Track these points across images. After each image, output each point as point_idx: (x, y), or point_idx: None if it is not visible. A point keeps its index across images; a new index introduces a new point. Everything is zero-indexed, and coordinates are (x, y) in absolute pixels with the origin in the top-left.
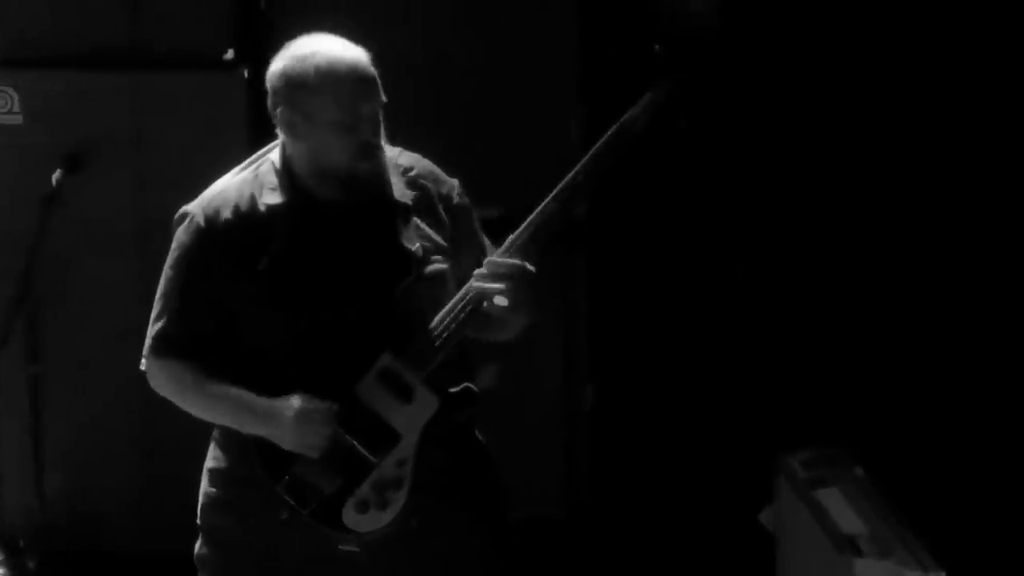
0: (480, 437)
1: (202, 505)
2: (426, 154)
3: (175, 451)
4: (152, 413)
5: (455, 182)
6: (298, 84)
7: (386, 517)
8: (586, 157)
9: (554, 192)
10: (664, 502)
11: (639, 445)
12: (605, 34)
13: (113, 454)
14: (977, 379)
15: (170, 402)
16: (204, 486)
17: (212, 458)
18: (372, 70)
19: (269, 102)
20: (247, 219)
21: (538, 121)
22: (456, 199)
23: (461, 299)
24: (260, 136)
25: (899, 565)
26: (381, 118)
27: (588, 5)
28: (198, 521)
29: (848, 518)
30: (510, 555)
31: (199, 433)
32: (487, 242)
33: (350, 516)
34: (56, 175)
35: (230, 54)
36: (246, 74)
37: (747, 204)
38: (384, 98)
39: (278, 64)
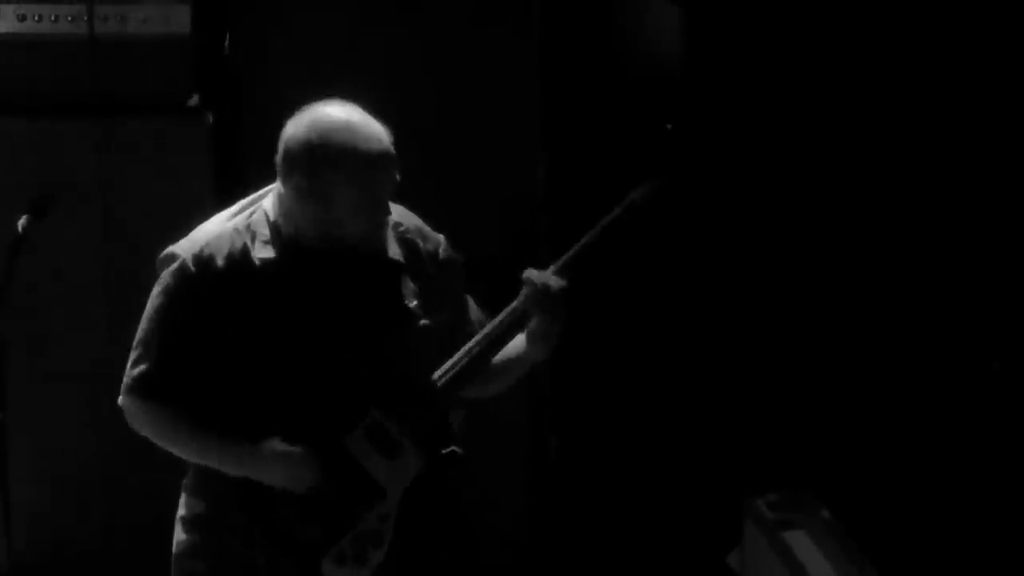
0: (453, 485)
1: (176, 554)
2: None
3: (142, 497)
4: (119, 459)
5: (441, 238)
6: (323, 160)
7: (363, 572)
8: (600, 224)
9: (568, 253)
10: (632, 546)
11: (605, 489)
12: (568, 80)
13: (79, 501)
14: (943, 421)
15: (137, 448)
16: (178, 534)
17: (185, 506)
18: (393, 151)
19: (281, 165)
20: (239, 270)
21: (501, 168)
22: (443, 255)
23: (457, 361)
24: (226, 181)
25: None
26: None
27: (550, 51)
28: (173, 572)
29: (815, 560)
30: None
31: (167, 479)
32: (471, 301)
33: (328, 568)
34: (22, 221)
35: (195, 100)
36: (211, 119)
37: (706, 250)
38: (399, 176)
39: (301, 131)
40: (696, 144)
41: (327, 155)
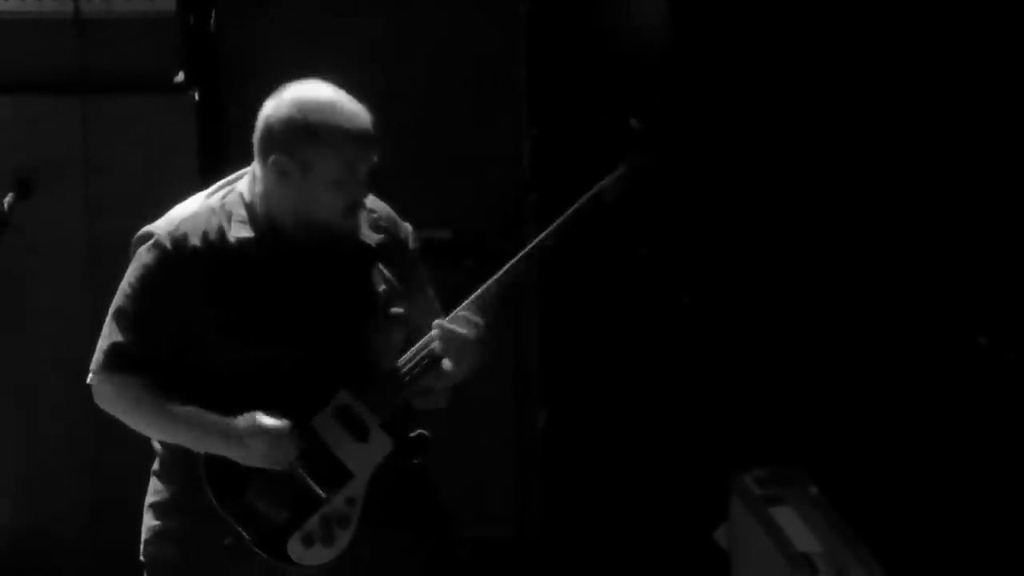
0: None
1: (145, 540)
2: (379, 177)
3: (124, 477)
4: (101, 438)
5: (409, 227)
6: (304, 135)
7: (330, 553)
8: (556, 222)
9: (521, 253)
10: (618, 521)
11: (592, 465)
12: (554, 56)
13: (61, 480)
14: (930, 396)
15: (119, 427)
16: (147, 520)
17: (153, 492)
18: (374, 131)
19: (260, 143)
20: (215, 249)
21: (488, 144)
22: (411, 245)
23: (424, 346)
24: (211, 158)
25: None
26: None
27: (537, 27)
28: (141, 557)
29: (803, 535)
30: (458, 567)
31: (148, 459)
32: (431, 292)
33: (295, 548)
34: (7, 199)
35: (180, 77)
36: (196, 97)
37: (695, 225)
38: (376, 157)
39: (281, 110)
40: (676, 129)
41: (310, 129)
